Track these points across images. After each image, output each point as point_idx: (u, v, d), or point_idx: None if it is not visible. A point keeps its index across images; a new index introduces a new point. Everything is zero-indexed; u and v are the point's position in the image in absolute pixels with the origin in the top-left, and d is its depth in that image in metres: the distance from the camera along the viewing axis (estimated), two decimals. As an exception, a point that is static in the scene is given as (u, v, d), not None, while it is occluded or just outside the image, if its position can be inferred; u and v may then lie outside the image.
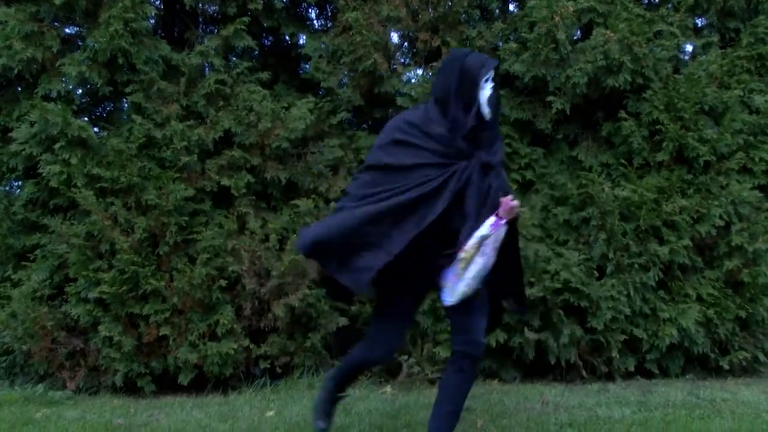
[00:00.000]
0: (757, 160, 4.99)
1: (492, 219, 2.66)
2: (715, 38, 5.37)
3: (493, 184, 2.70)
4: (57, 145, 4.62)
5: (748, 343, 4.88)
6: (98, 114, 5.32)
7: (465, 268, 2.67)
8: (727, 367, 4.78)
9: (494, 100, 2.72)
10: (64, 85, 4.86)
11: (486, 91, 2.69)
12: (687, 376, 4.83)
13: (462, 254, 2.67)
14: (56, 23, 5.00)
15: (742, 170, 4.98)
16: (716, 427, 3.40)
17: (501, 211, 2.65)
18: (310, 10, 5.75)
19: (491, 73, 2.71)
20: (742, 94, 5.10)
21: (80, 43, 5.04)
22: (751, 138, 5.03)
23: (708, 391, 4.27)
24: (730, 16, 5.41)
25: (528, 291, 4.54)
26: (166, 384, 4.71)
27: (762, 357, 4.88)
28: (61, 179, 4.62)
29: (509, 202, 2.64)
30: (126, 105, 5.12)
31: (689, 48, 5.47)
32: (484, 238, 2.65)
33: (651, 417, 3.63)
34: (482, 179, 2.68)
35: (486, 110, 2.69)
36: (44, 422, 3.76)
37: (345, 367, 3.07)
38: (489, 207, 2.66)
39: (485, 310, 2.83)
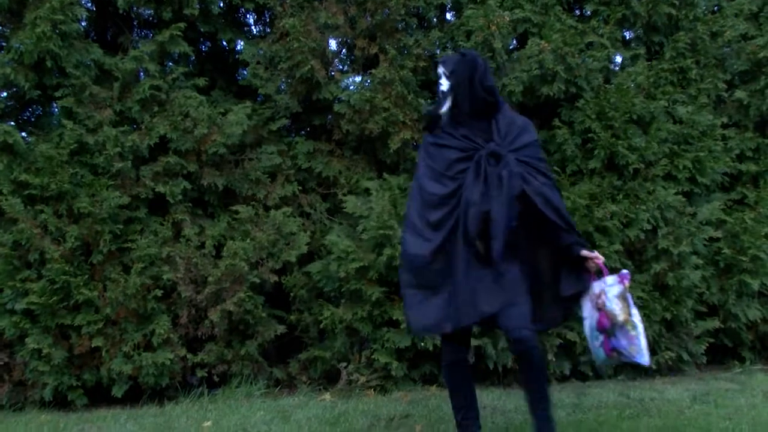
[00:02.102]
0: (681, 167, 5.20)
1: (613, 278, 2.84)
2: (642, 50, 5.58)
3: (504, 174, 2.76)
4: (-20, 151, 4.45)
5: (673, 343, 5.07)
6: (25, 118, 5.13)
7: (635, 327, 2.81)
8: (654, 367, 4.97)
9: (449, 93, 2.88)
10: (-14, 88, 4.68)
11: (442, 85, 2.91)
12: (619, 377, 4.99)
13: (620, 319, 2.79)
14: (-23, 22, 4.80)
15: (667, 177, 5.19)
16: (644, 426, 3.53)
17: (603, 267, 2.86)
18: (247, 16, 5.70)
19: (441, 69, 2.93)
20: (666, 104, 5.31)
21: (3, 44, 4.86)
22: (675, 146, 5.24)
23: (638, 391, 4.43)
24: (654, 31, 5.63)
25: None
26: (100, 397, 4.58)
27: (686, 356, 5.08)
28: (-15, 186, 4.45)
29: (599, 257, 2.85)
30: (56, 110, 4.96)
31: (619, 59, 5.66)
32: (623, 293, 2.81)
33: (584, 418, 3.74)
34: (491, 166, 2.77)
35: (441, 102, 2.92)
36: (-36, 442, 3.61)
37: None
38: (505, 195, 2.74)
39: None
